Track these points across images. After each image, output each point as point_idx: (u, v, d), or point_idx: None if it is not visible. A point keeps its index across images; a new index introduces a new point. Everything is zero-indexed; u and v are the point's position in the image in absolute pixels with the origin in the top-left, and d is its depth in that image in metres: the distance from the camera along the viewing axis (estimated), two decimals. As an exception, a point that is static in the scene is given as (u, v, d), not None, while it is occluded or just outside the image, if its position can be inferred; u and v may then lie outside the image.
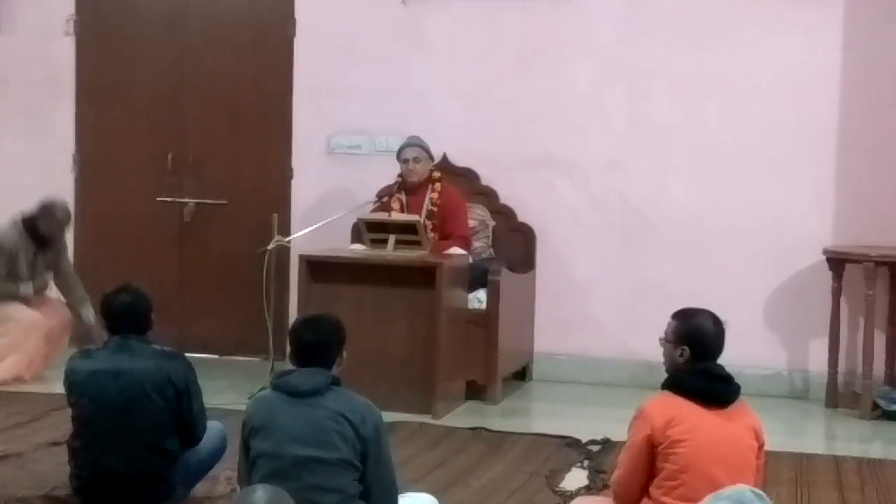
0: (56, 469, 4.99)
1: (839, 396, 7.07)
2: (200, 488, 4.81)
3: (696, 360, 3.93)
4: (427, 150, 7.19)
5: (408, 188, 7.18)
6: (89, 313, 7.25)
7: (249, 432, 3.95)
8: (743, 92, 7.35)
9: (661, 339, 4.03)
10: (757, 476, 3.90)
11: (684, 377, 3.90)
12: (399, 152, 7.19)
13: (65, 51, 8.31)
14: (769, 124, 7.32)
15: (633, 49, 7.48)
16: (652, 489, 3.86)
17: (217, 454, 4.79)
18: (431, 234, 7.01)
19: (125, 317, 4.57)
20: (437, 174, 7.22)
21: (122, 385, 4.43)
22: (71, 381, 4.55)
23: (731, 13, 7.33)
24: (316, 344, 3.99)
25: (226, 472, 4.85)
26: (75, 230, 8.26)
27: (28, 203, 7.38)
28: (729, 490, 3.25)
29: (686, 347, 3.93)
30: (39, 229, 7.22)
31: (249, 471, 3.94)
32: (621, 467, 3.97)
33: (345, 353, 4.06)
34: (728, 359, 4.00)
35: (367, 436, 3.87)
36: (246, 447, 3.98)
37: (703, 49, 7.37)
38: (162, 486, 4.51)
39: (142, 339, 4.58)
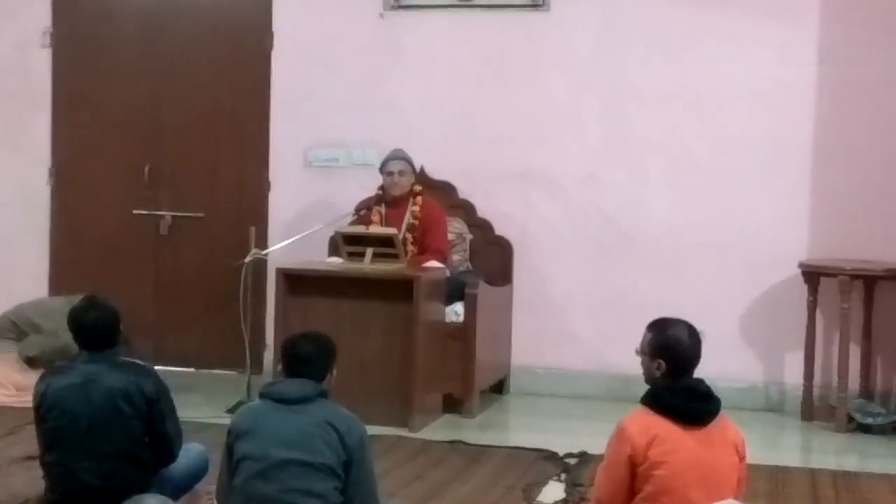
0: (30, 483, 4.96)
1: (815, 409, 7.09)
2: (180, 504, 4.79)
3: (673, 373, 3.90)
4: (411, 164, 7.20)
5: (388, 201, 7.18)
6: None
7: (234, 437, 3.98)
8: (718, 106, 7.38)
9: (636, 351, 4.02)
10: (738, 491, 3.89)
11: (663, 394, 3.85)
12: (383, 165, 7.19)
13: (41, 63, 8.29)
14: (744, 138, 7.35)
15: (609, 63, 7.51)
16: (630, 511, 3.83)
17: (196, 474, 4.75)
18: (412, 248, 7.01)
19: (95, 333, 4.53)
20: (418, 188, 7.22)
21: (92, 397, 4.40)
22: (41, 395, 4.51)
23: (706, 27, 7.36)
24: (307, 357, 4.07)
25: (207, 487, 4.82)
26: (50, 242, 8.25)
27: (4, 216, 7.36)
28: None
29: (662, 361, 3.91)
30: None
31: (231, 476, 3.95)
32: (601, 489, 3.91)
33: (335, 371, 4.12)
34: (704, 372, 4.00)
35: (352, 446, 3.92)
36: (229, 453, 3.99)
37: (678, 63, 7.41)
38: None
39: (112, 353, 4.55)
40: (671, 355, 3.91)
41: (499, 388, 7.56)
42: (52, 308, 7.25)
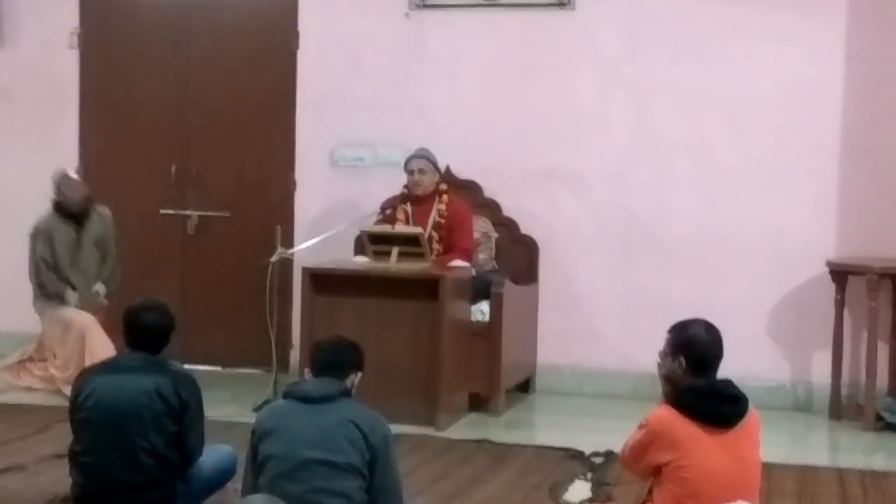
0: (58, 481, 4.99)
1: (843, 408, 7.06)
2: (209, 501, 4.80)
3: (694, 369, 3.92)
4: (433, 163, 7.20)
5: (413, 199, 7.18)
6: (101, 288, 7.35)
7: (259, 437, 4.00)
8: (745, 104, 7.36)
9: (660, 354, 4.02)
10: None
11: (688, 395, 3.86)
12: (406, 164, 7.20)
13: (69, 64, 8.34)
14: (772, 136, 7.33)
15: (636, 61, 7.49)
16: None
17: (225, 473, 4.75)
18: (438, 247, 7.01)
19: (149, 335, 4.56)
20: (443, 186, 7.22)
21: (128, 391, 4.41)
22: (80, 386, 4.53)
23: (733, 26, 7.34)
24: (333, 358, 4.11)
25: (235, 485, 4.83)
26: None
27: (32, 215, 7.40)
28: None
29: (682, 358, 3.93)
30: (62, 200, 7.26)
31: (257, 475, 3.97)
32: (629, 453, 4.00)
33: (360, 375, 4.16)
34: (731, 371, 4.00)
35: (376, 444, 3.93)
36: (254, 453, 4.01)
37: (705, 62, 7.38)
38: (163, 493, 4.48)
39: (158, 357, 4.56)
40: (691, 351, 3.93)
41: (525, 386, 7.56)
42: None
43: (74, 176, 7.42)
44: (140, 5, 8.32)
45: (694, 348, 3.93)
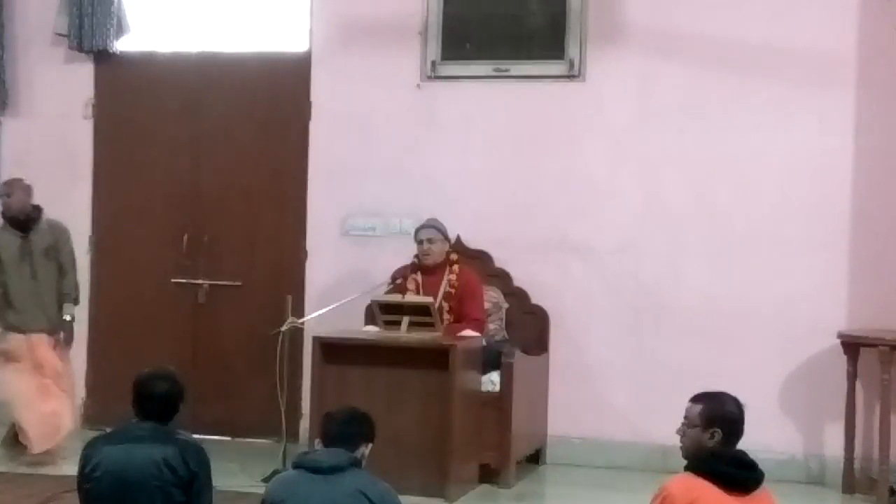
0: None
1: (856, 482, 6.99)
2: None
3: (727, 441, 3.95)
4: (443, 233, 7.22)
5: (424, 269, 7.19)
6: (70, 311, 7.19)
7: None
8: (755, 175, 7.38)
9: (683, 425, 4.01)
10: None
11: (711, 461, 3.87)
12: (416, 233, 7.23)
13: (83, 133, 8.42)
14: (782, 207, 7.34)
15: (646, 132, 7.53)
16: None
17: None
18: (448, 317, 7.01)
19: (158, 404, 4.53)
20: (454, 256, 7.24)
21: (136, 461, 4.38)
22: (87, 456, 4.50)
23: (742, 97, 7.38)
24: (344, 429, 4.12)
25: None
26: (90, 310, 8.30)
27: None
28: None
29: (718, 430, 3.95)
30: (3, 206, 7.11)
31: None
32: None
33: (370, 447, 4.16)
34: (743, 443, 3.98)
35: (385, 517, 3.90)
36: None
37: (715, 132, 7.42)
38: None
39: (167, 426, 4.55)
40: (727, 424, 3.97)
41: (535, 458, 7.51)
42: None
43: (25, 183, 7.21)
44: (154, 76, 8.40)
45: (731, 421, 3.99)
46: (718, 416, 3.97)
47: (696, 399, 4.04)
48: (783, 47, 7.32)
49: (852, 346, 6.94)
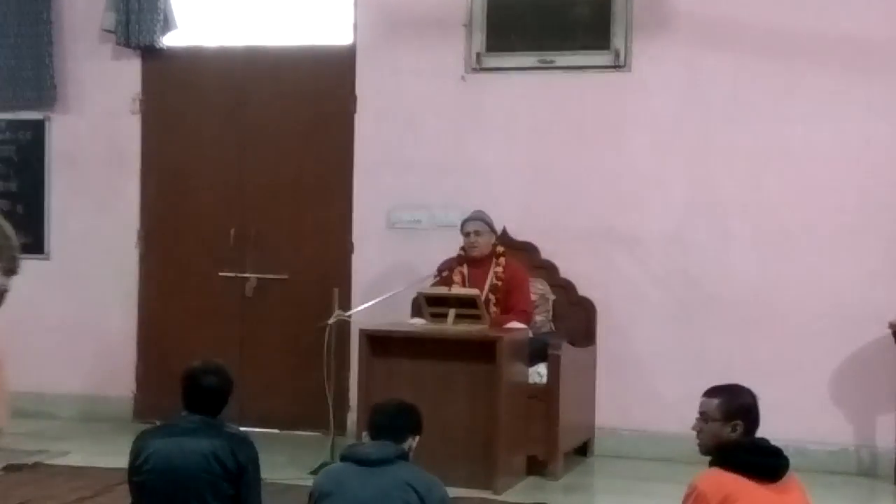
0: (117, 543, 5.00)
1: (908, 473, 6.93)
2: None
3: (749, 432, 3.95)
4: (489, 225, 7.21)
5: (470, 261, 7.19)
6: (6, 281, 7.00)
7: (317, 500, 4.00)
8: (803, 164, 7.31)
9: (699, 420, 4.00)
10: None
11: (737, 452, 3.87)
12: (462, 226, 7.22)
13: (130, 129, 8.47)
14: (831, 197, 7.27)
15: (692, 122, 7.48)
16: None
17: None
18: (495, 309, 7.00)
19: (207, 397, 4.55)
20: (500, 248, 7.23)
21: (187, 454, 4.40)
22: (138, 449, 4.53)
23: (790, 87, 7.31)
24: (391, 421, 4.14)
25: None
26: (139, 304, 8.38)
27: (94, 279, 7.46)
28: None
29: (740, 422, 3.95)
30: None
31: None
32: None
33: (417, 439, 4.19)
34: (794, 434, 3.98)
35: (433, 508, 3.91)
36: None
37: (763, 122, 7.35)
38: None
39: (216, 420, 4.57)
40: (750, 415, 3.98)
41: (583, 450, 7.49)
42: None
43: None
44: (200, 71, 8.45)
45: (751, 412, 4.00)
46: (738, 408, 3.98)
47: (711, 393, 4.05)
48: (830, 34, 7.24)
49: (904, 336, 6.88)
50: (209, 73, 8.43)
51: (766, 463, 3.84)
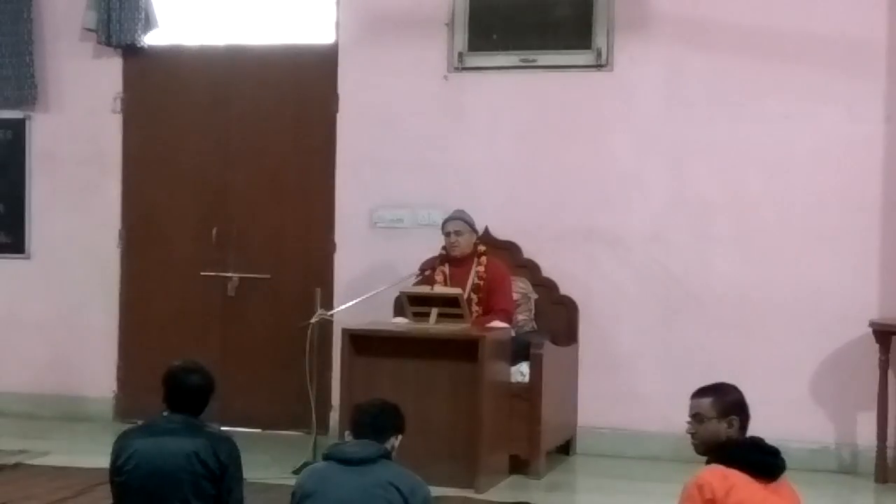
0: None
1: (888, 471, 6.95)
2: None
3: (743, 428, 3.97)
4: (470, 224, 7.21)
5: (452, 261, 7.19)
6: None
7: (299, 500, 4.00)
8: (784, 164, 7.34)
9: (693, 421, 4.01)
10: None
11: (736, 450, 3.89)
12: (443, 225, 7.22)
13: (112, 128, 8.44)
14: (811, 196, 7.29)
15: (673, 121, 7.50)
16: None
17: None
18: (477, 308, 7.01)
19: (190, 397, 4.55)
20: (482, 248, 7.23)
21: (167, 454, 4.39)
22: (119, 449, 4.52)
23: (771, 85, 7.34)
24: (374, 420, 4.14)
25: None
26: (120, 303, 8.36)
27: (75, 277, 7.44)
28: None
29: (735, 417, 3.96)
30: None
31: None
32: None
33: (400, 438, 4.19)
34: (775, 432, 3.97)
35: (416, 507, 3.91)
36: None
37: (744, 121, 7.38)
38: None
39: (198, 419, 4.56)
40: (742, 410, 3.99)
41: (565, 448, 7.50)
42: None
43: None
44: (182, 69, 8.43)
45: (744, 406, 4.01)
46: (732, 404, 4.00)
47: (700, 394, 4.07)
48: (812, 35, 7.27)
49: (884, 334, 6.91)
50: (190, 73, 8.41)
51: (766, 461, 3.87)
